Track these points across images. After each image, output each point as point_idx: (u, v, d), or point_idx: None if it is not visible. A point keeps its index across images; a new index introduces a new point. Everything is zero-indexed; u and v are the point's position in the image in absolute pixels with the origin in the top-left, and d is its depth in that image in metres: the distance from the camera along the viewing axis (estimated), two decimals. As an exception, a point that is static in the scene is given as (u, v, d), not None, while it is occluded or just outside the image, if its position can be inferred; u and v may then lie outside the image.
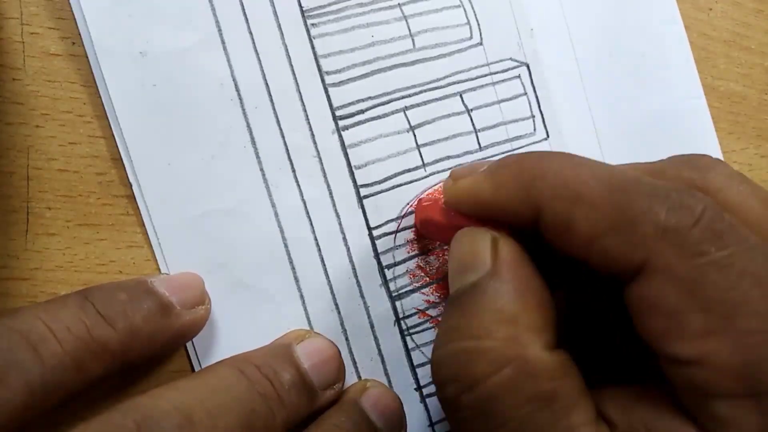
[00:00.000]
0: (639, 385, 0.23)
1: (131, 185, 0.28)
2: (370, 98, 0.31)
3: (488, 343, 0.22)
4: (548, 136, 0.34)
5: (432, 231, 0.30)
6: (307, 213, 0.30)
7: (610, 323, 0.27)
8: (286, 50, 0.30)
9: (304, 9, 0.30)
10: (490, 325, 0.23)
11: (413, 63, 0.31)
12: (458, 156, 0.32)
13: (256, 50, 0.29)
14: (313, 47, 0.30)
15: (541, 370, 0.22)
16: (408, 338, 0.31)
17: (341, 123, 0.30)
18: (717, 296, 0.20)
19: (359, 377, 0.30)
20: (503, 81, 0.33)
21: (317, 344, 0.29)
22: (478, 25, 0.32)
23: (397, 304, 0.31)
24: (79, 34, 0.28)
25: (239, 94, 0.29)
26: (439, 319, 0.32)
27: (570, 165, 0.23)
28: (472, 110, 0.32)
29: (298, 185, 0.30)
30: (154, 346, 0.26)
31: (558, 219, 0.23)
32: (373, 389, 0.30)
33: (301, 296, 0.30)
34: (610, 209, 0.22)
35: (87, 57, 0.28)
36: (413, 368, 0.31)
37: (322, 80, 0.30)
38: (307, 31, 0.30)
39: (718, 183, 0.24)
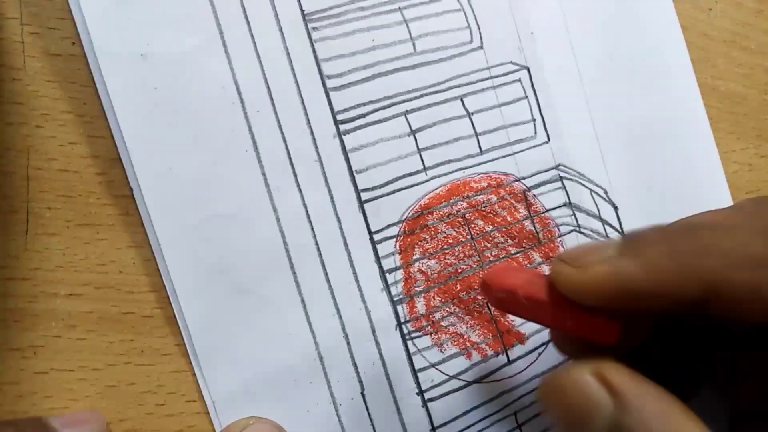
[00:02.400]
0: None
1: (132, 189, 0.28)
2: (371, 102, 0.31)
3: None
4: (549, 139, 0.34)
5: (522, 310, 0.26)
6: (308, 217, 0.30)
7: None
8: (288, 54, 0.30)
9: (305, 12, 0.30)
10: None
11: (414, 67, 0.32)
12: (459, 159, 0.32)
13: (257, 53, 0.29)
14: (314, 51, 0.30)
15: None
16: (409, 343, 0.31)
17: (342, 127, 0.30)
18: None
19: (360, 382, 0.30)
20: (504, 84, 0.33)
21: (256, 430, 0.28)
22: (479, 28, 0.33)
23: (399, 308, 0.31)
24: (79, 35, 0.28)
25: (241, 98, 0.29)
26: (442, 323, 0.32)
27: (723, 233, 0.22)
28: (473, 114, 0.32)
29: (299, 189, 0.30)
30: None
31: (744, 288, 0.21)
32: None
33: (302, 301, 0.30)
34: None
35: (86, 57, 0.28)
36: (415, 373, 0.31)
37: (323, 84, 0.30)
38: (309, 34, 0.30)
39: None
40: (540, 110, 0.33)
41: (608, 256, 0.23)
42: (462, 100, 0.32)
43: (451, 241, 0.32)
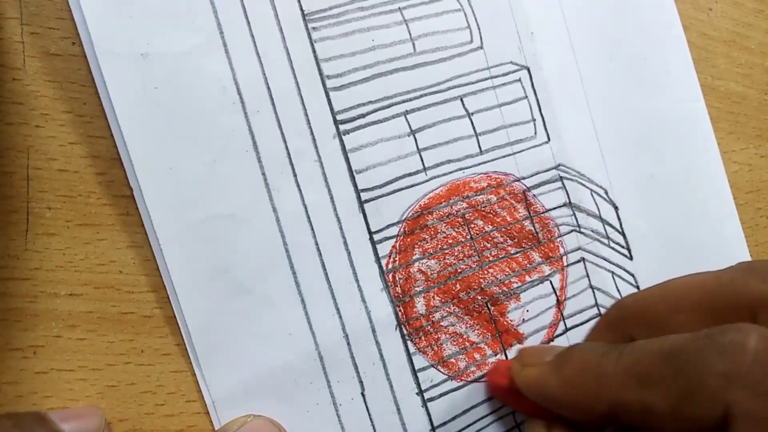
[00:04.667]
0: None
1: (132, 189, 0.28)
2: (370, 102, 0.31)
3: None
4: (549, 139, 0.34)
5: (503, 399, 0.32)
6: (308, 217, 0.30)
7: None
8: (288, 54, 0.30)
9: (305, 12, 0.30)
10: None
11: (414, 67, 0.32)
12: (459, 160, 0.32)
13: (257, 53, 0.29)
14: (314, 51, 0.30)
15: None
16: (409, 342, 0.31)
17: (342, 127, 0.30)
18: None
19: (361, 382, 0.30)
20: (504, 84, 0.33)
21: (254, 426, 0.28)
22: (479, 28, 0.33)
23: (399, 308, 0.31)
24: (79, 35, 0.28)
25: (241, 98, 0.29)
26: (441, 323, 0.32)
27: (628, 365, 0.25)
28: (472, 114, 0.32)
29: (299, 189, 0.30)
30: None
31: (634, 410, 0.24)
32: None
33: (302, 301, 0.30)
34: (674, 384, 0.23)
35: (86, 57, 0.28)
36: (415, 372, 0.31)
37: (323, 84, 0.30)
38: (309, 34, 0.30)
39: None
40: (540, 110, 0.34)
41: (543, 363, 0.28)
42: (462, 100, 0.32)
43: (450, 241, 0.32)
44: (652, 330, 0.26)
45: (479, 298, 0.32)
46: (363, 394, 0.30)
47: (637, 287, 0.35)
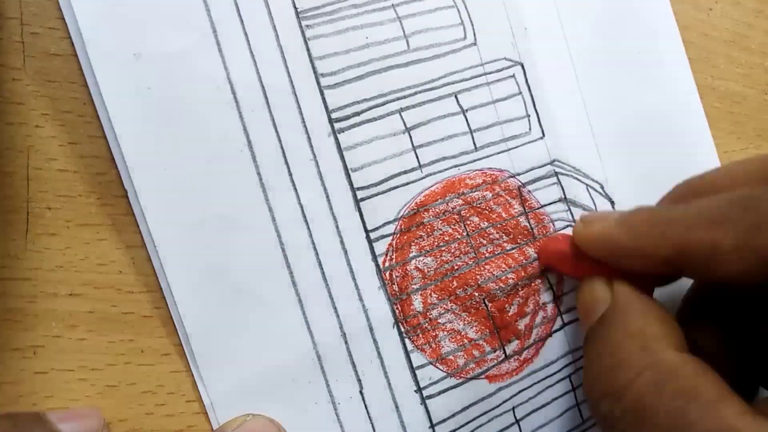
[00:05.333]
0: None
1: (126, 191, 0.28)
2: (365, 100, 0.31)
3: (623, 355, 0.25)
4: (544, 135, 0.34)
5: (559, 266, 0.33)
6: (304, 216, 0.30)
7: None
8: (282, 52, 0.30)
9: (298, 10, 0.30)
10: (621, 342, 0.26)
11: (408, 64, 0.32)
12: (454, 156, 0.32)
13: (251, 52, 0.29)
14: (308, 49, 0.30)
15: (679, 369, 0.24)
16: (407, 340, 0.31)
17: (337, 125, 0.31)
18: None
19: (359, 381, 0.30)
20: (498, 81, 0.33)
21: (252, 426, 0.28)
22: (472, 25, 0.33)
23: (396, 306, 0.31)
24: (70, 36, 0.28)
25: (235, 97, 0.29)
26: (439, 320, 0.32)
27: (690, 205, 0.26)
28: (467, 111, 0.33)
29: (295, 188, 0.30)
30: None
31: (700, 249, 0.25)
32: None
33: (299, 300, 0.30)
34: (742, 220, 0.24)
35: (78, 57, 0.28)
36: (413, 370, 0.31)
37: (318, 82, 0.30)
38: (302, 32, 0.30)
39: None
40: (534, 106, 0.34)
41: (607, 220, 0.28)
42: (456, 97, 0.32)
43: (447, 238, 0.32)
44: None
45: (476, 294, 0.32)
46: (361, 393, 0.30)
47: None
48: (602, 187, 0.35)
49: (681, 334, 0.26)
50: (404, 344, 0.31)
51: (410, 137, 0.32)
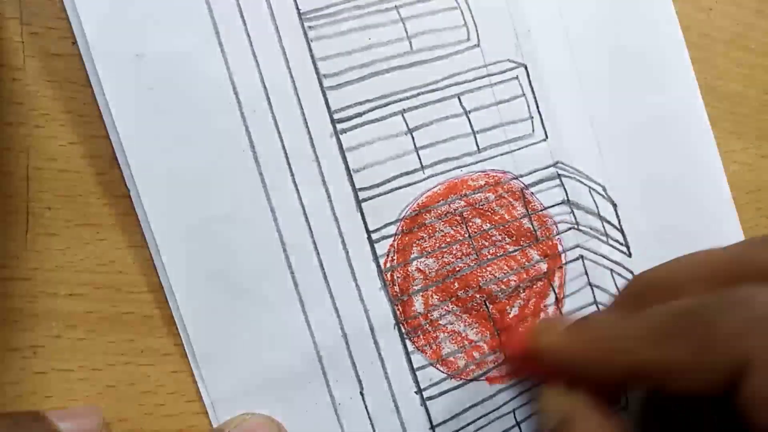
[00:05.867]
0: None
1: (129, 191, 0.28)
2: (368, 101, 0.31)
3: None
4: (547, 137, 0.34)
5: (520, 367, 0.32)
6: (306, 217, 0.30)
7: None
8: (284, 53, 0.30)
9: (301, 11, 0.30)
10: None
11: (411, 65, 0.32)
12: (456, 158, 0.32)
13: (253, 53, 0.29)
14: (310, 50, 0.30)
15: None
16: (408, 341, 0.31)
17: (339, 126, 0.30)
18: None
19: (359, 381, 0.30)
20: (501, 82, 0.33)
21: (249, 425, 0.28)
22: (475, 26, 0.33)
23: (397, 307, 0.31)
24: (74, 35, 0.28)
25: (237, 98, 0.29)
26: (440, 321, 0.32)
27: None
28: (470, 112, 0.32)
29: (297, 189, 0.30)
30: None
31: (652, 368, 0.25)
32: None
33: (300, 300, 0.30)
34: (690, 337, 0.23)
35: (81, 57, 0.28)
36: (413, 371, 0.31)
37: (320, 83, 0.30)
38: (305, 33, 0.30)
39: None
40: (537, 108, 0.33)
41: (558, 334, 0.28)
42: (459, 99, 0.32)
43: (449, 240, 0.32)
44: (666, 302, 0.26)
45: (478, 296, 0.32)
46: (362, 394, 0.30)
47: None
48: (605, 189, 0.35)
49: None
50: (405, 345, 0.31)
51: (413, 138, 0.31)
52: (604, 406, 0.27)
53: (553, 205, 0.34)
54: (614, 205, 0.35)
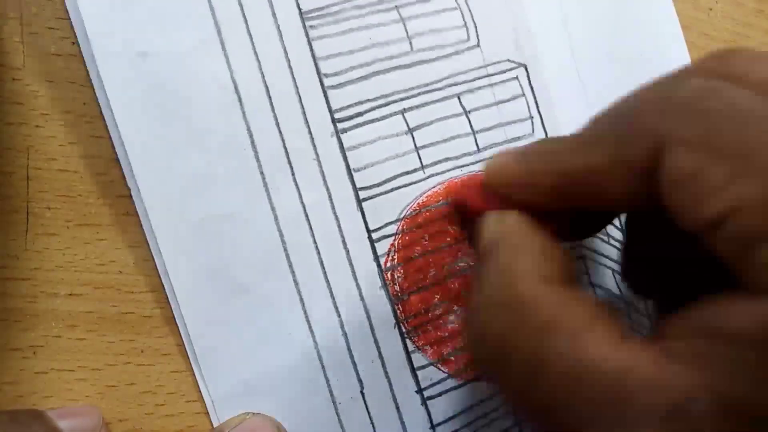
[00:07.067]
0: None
1: (130, 189, 0.28)
2: (368, 100, 0.31)
3: (485, 294, 0.24)
4: (547, 136, 0.34)
5: (470, 201, 0.30)
6: (307, 216, 0.30)
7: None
8: (285, 52, 0.30)
9: (302, 11, 0.30)
10: (489, 277, 0.24)
11: (411, 65, 0.32)
12: (457, 158, 0.32)
13: (255, 52, 0.29)
14: (311, 49, 0.30)
15: (538, 303, 0.22)
16: (408, 341, 0.31)
17: (340, 126, 0.30)
18: (731, 143, 0.20)
19: (360, 380, 0.30)
20: (501, 82, 0.33)
21: (249, 425, 0.28)
22: (475, 26, 0.33)
23: (397, 306, 0.31)
24: (75, 35, 0.28)
25: (239, 97, 0.29)
26: (440, 321, 0.32)
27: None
28: (470, 112, 0.32)
29: (298, 188, 0.30)
30: None
31: (578, 176, 0.24)
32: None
33: (301, 300, 0.30)
34: (610, 134, 0.23)
35: (82, 57, 0.28)
36: (414, 371, 0.31)
37: (321, 83, 0.30)
38: (306, 33, 0.30)
39: (740, 68, 0.23)
40: (537, 108, 0.33)
41: (509, 153, 0.27)
42: (459, 98, 0.32)
43: (449, 239, 0.32)
44: None
45: (478, 296, 0.32)
46: (362, 393, 0.30)
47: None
48: (604, 189, 0.35)
49: (564, 266, 0.24)
50: (405, 345, 0.31)
51: (413, 138, 0.31)
52: (547, 230, 0.26)
53: (552, 205, 0.34)
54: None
